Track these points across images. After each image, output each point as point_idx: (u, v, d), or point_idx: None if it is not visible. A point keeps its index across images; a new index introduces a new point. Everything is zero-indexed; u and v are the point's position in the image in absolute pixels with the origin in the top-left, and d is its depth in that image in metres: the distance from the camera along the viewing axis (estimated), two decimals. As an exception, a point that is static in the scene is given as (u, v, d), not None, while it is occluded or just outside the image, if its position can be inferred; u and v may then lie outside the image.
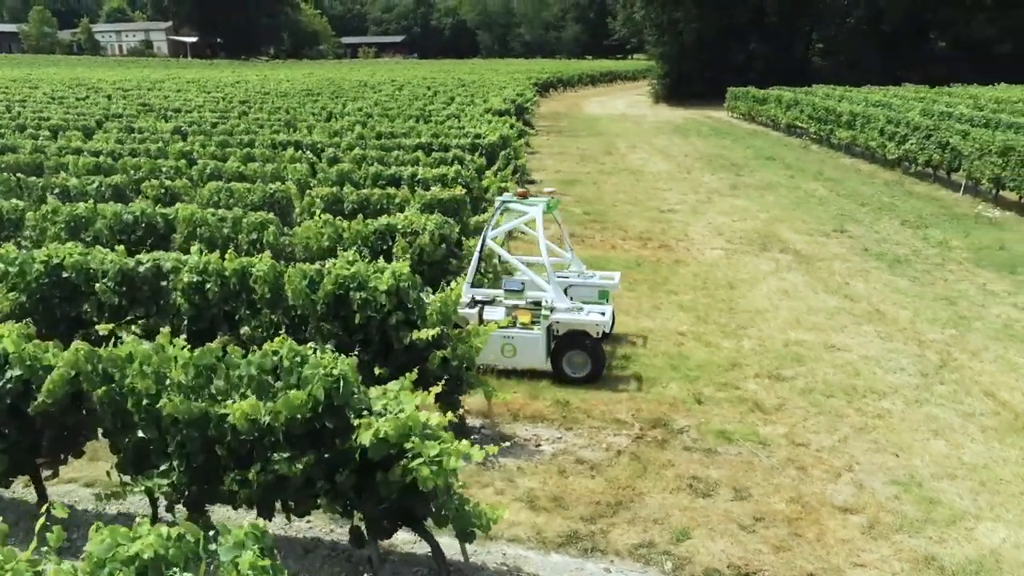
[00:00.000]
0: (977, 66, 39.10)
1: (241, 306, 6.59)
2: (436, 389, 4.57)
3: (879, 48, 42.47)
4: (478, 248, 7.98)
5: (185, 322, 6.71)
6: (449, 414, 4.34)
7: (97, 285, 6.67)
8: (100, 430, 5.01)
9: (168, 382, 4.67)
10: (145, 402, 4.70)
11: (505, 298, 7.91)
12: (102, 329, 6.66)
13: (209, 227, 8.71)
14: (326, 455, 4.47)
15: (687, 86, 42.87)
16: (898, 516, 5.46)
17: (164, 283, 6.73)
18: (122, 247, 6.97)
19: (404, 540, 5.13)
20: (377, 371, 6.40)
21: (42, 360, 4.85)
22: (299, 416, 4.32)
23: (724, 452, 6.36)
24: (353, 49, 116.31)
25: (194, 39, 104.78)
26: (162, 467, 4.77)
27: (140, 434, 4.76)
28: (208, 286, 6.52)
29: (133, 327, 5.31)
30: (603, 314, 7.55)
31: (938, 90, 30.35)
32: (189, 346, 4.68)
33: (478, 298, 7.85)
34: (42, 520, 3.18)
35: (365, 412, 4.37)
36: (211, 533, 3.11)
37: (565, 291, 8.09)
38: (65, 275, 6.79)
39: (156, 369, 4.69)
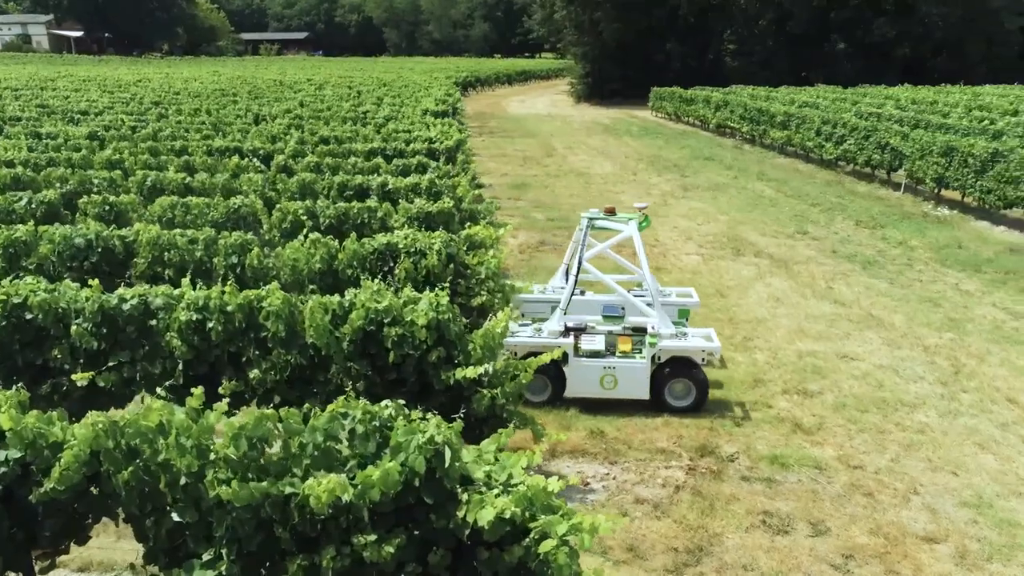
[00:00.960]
0: (876, 67, 41.23)
1: (248, 346, 5.76)
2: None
3: (787, 49, 44.11)
4: (574, 271, 7.41)
5: (180, 367, 5.82)
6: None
7: (73, 328, 5.69)
8: (120, 513, 4.15)
9: (213, 456, 3.89)
10: (184, 482, 3.90)
11: (602, 324, 7.41)
12: (79, 378, 5.73)
13: (179, 251, 7.72)
14: (416, 532, 3.82)
15: (608, 85, 43.25)
16: (984, 543, 5.28)
17: (153, 322, 5.81)
18: (97, 281, 5.99)
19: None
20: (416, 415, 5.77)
21: (48, 436, 3.95)
22: (391, 492, 3.66)
23: (783, 480, 6.05)
24: (254, 46, 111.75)
25: (79, 33, 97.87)
26: (205, 556, 3.99)
27: (175, 518, 3.96)
28: (210, 325, 5.65)
29: (159, 389, 4.45)
30: (709, 338, 7.13)
31: (854, 90, 31.66)
32: (236, 412, 3.92)
33: (570, 325, 7.26)
34: None
35: (469, 483, 3.75)
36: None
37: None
38: (29, 316, 5.76)
39: (197, 442, 3.90)
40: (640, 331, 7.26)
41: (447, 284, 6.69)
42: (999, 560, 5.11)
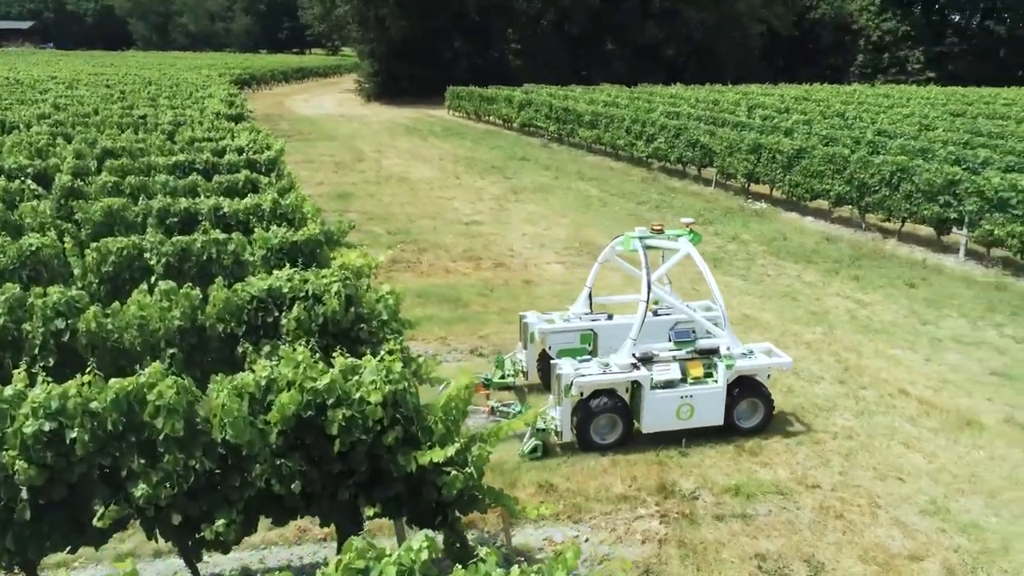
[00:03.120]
0: (647, 66, 44.37)
1: (130, 455, 4.27)
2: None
3: (567, 49, 45.99)
4: (645, 298, 6.65)
5: (23, 495, 4.18)
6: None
7: None
8: None
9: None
10: None
11: (667, 350, 6.80)
12: None
13: (-28, 319, 5.73)
14: None
15: (398, 84, 42.21)
16: (961, 553, 5.32)
17: (-24, 439, 4.10)
18: None
19: None
20: (369, 512, 4.65)
21: None
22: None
23: (755, 513, 5.75)
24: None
25: None
26: None
27: None
28: (72, 435, 4.09)
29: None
30: (771, 353, 6.93)
31: (640, 89, 33.56)
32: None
33: (637, 356, 6.58)
34: None
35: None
36: None
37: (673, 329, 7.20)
38: None
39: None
40: (704, 353, 6.76)
41: (391, 338, 5.52)
42: (984, 570, 5.17)
